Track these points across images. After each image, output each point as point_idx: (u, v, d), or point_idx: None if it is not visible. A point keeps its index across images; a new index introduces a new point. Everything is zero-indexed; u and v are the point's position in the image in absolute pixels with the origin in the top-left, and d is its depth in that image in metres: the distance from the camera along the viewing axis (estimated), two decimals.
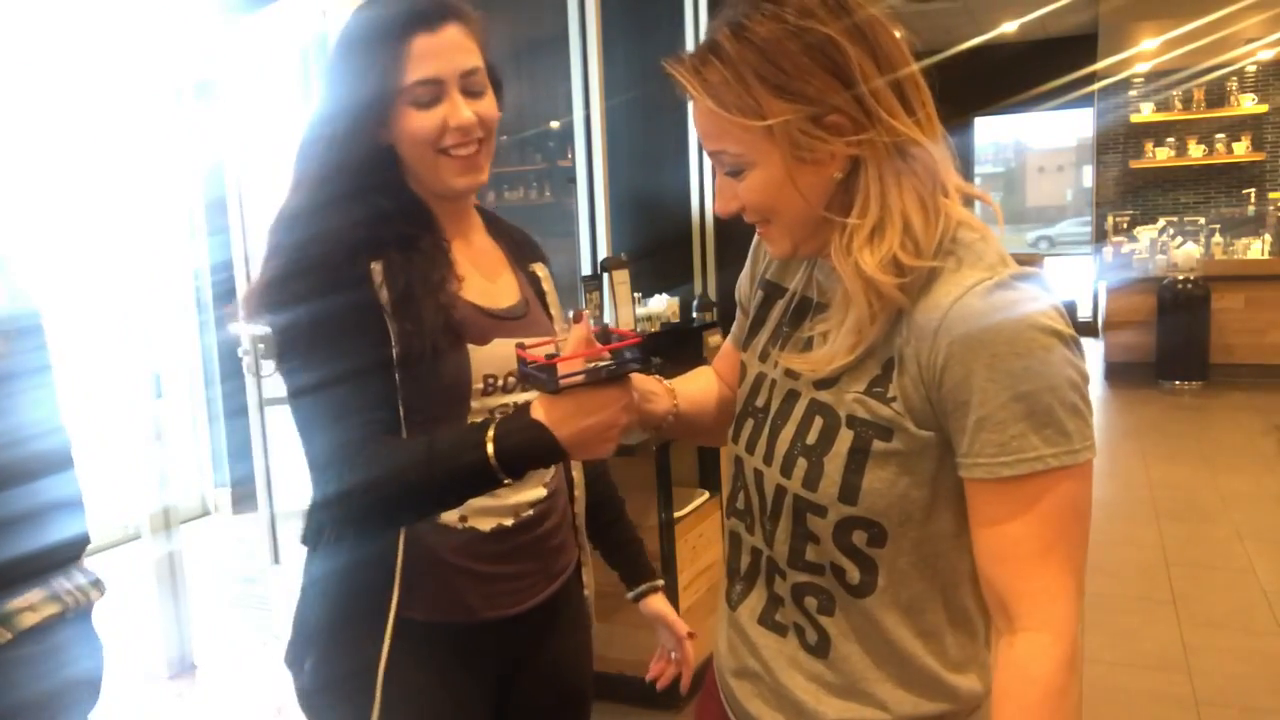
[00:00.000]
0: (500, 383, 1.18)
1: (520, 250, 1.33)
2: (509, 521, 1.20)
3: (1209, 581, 3.66)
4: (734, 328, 1.21)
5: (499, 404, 1.18)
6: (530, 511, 1.23)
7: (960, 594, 0.97)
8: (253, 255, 3.23)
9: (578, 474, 1.36)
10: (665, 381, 1.16)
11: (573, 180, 4.48)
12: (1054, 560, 0.86)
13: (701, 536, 2.98)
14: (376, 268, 1.10)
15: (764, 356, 1.06)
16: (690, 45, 4.87)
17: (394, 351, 1.08)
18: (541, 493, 1.24)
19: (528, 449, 0.97)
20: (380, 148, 1.15)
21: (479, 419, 1.13)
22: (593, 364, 0.98)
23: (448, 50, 1.12)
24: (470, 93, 1.14)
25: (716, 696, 1.15)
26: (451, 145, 1.13)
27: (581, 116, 4.35)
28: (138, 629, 3.50)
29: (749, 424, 1.05)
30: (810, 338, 0.99)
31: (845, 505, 0.92)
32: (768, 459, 1.00)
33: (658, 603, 1.46)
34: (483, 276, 1.23)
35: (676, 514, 2.82)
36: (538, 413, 0.97)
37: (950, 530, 0.93)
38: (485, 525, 1.19)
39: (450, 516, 1.16)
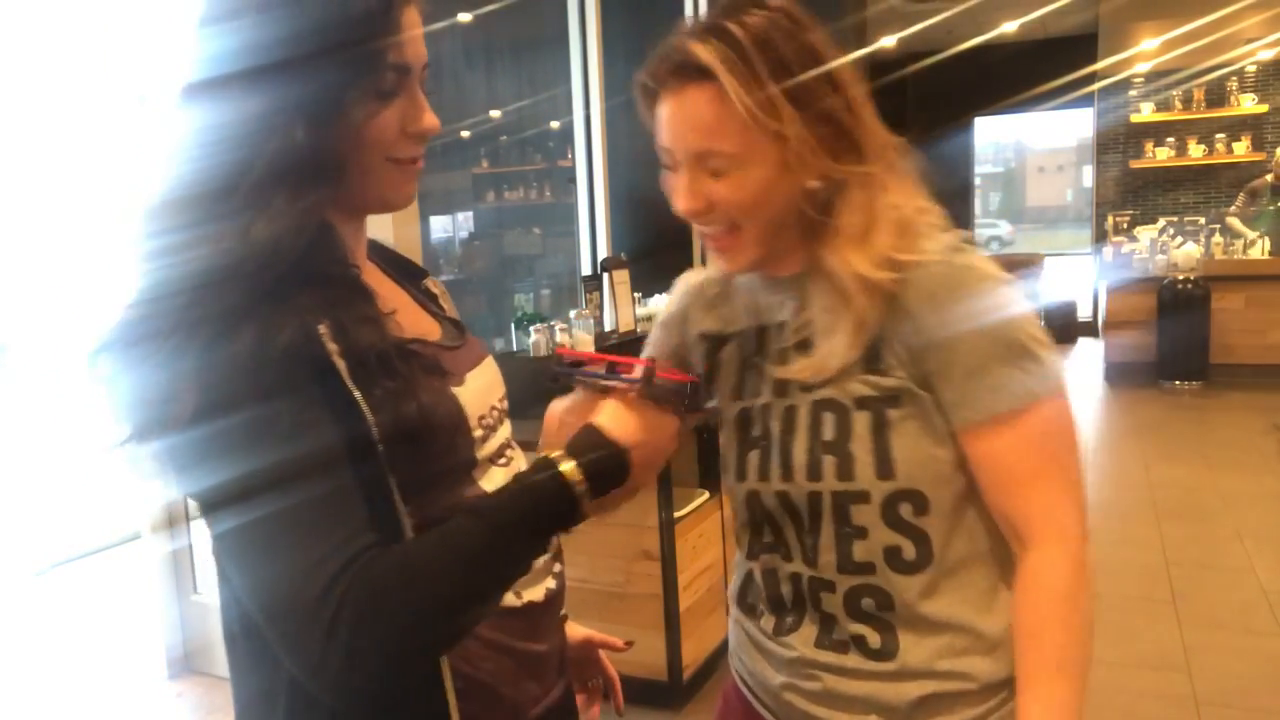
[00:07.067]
0: (489, 421, 0.95)
1: (404, 267, 1.06)
2: (553, 583, 0.99)
3: (1209, 581, 3.66)
4: None
5: (496, 447, 0.95)
6: (558, 566, 1.01)
7: (992, 541, 1.00)
8: None
9: None
10: None
11: (573, 180, 4.48)
12: (1050, 478, 0.94)
13: (701, 536, 2.98)
14: (325, 328, 0.78)
15: (739, 394, 1.06)
16: None
17: (372, 431, 0.78)
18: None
19: (608, 468, 0.84)
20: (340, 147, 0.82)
21: (482, 472, 0.92)
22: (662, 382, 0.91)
23: (418, 33, 0.86)
24: (425, 91, 0.88)
25: (743, 711, 1.12)
26: (406, 154, 0.87)
27: (581, 116, 4.35)
28: (138, 629, 3.50)
29: (754, 455, 1.03)
30: (787, 349, 1.01)
31: (884, 481, 0.94)
32: (787, 475, 0.99)
33: (577, 628, 1.21)
34: (400, 306, 0.94)
35: (676, 514, 2.82)
36: (609, 426, 0.86)
37: (972, 483, 0.97)
38: (539, 594, 0.97)
39: (510, 597, 0.93)
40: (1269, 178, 7.53)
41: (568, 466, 0.82)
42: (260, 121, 0.79)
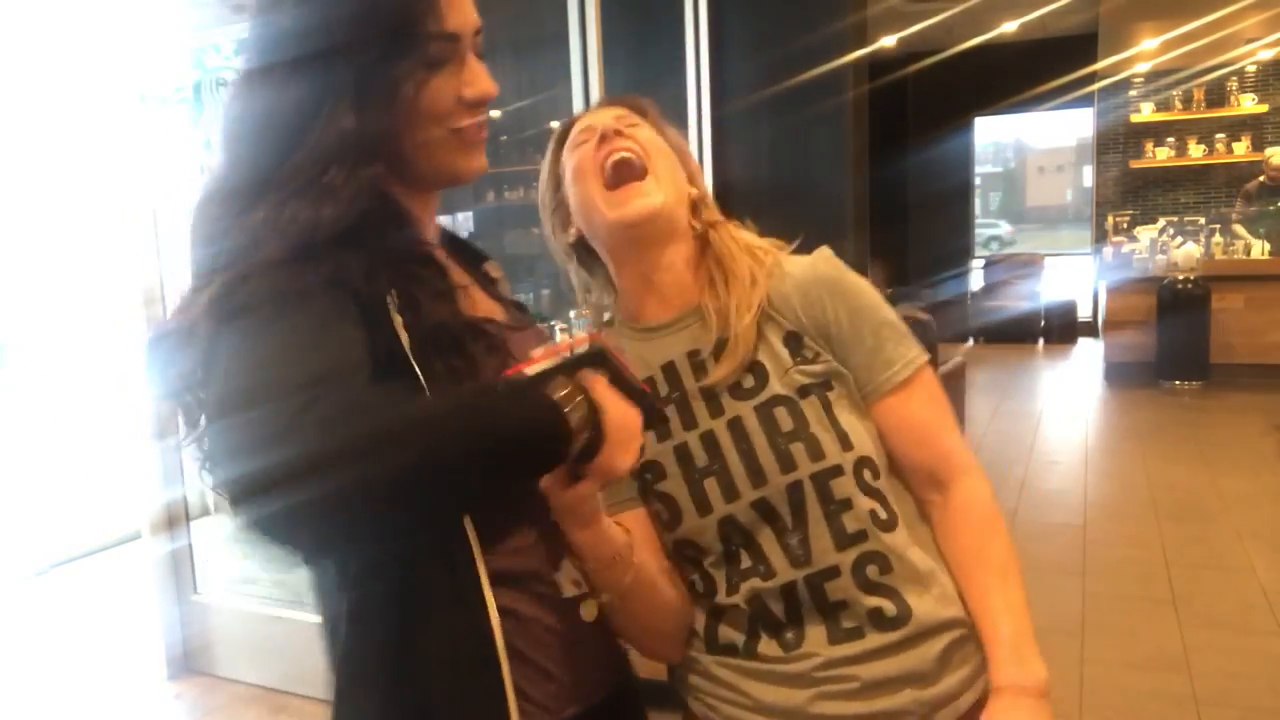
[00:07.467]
0: None
1: (465, 250, 1.04)
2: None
3: (1209, 581, 3.66)
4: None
5: None
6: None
7: (911, 499, 1.13)
8: None
9: None
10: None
11: None
12: (948, 427, 1.13)
13: None
14: (391, 298, 0.79)
15: (666, 436, 1.07)
16: (690, 46, 4.88)
17: None
18: None
19: (585, 425, 0.79)
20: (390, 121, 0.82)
21: None
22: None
23: None
24: (479, 57, 0.87)
25: None
26: (468, 123, 0.86)
27: None
28: (138, 629, 3.50)
29: (710, 483, 1.05)
30: (703, 361, 1.09)
31: (848, 452, 1.05)
32: (759, 480, 1.03)
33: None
34: (467, 286, 0.95)
35: None
36: (595, 391, 0.80)
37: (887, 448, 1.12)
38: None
39: (569, 585, 0.94)
40: (1261, 179, 7.54)
41: (568, 410, 0.77)
42: (306, 104, 0.78)
